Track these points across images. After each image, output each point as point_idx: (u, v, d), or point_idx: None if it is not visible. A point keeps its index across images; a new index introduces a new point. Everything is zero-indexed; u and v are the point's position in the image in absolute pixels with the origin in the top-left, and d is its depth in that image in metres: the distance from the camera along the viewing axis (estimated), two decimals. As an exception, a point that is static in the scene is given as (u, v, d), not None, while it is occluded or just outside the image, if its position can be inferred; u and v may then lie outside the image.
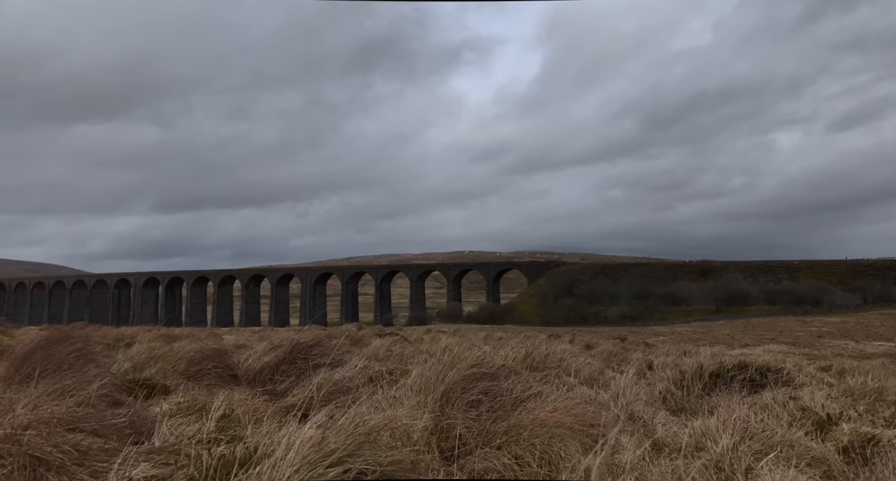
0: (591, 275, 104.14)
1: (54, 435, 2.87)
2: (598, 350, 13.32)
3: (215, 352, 6.07)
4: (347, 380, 4.92)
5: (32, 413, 3.05)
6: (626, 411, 4.28)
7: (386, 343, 10.06)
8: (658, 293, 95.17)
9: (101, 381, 4.13)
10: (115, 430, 3.26)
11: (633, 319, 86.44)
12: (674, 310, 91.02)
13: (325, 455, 2.46)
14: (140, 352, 6.55)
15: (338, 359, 6.22)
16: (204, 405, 3.99)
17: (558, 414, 3.31)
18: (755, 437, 3.54)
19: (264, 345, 6.98)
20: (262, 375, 5.71)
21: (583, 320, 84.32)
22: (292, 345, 6.14)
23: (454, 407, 3.41)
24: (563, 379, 5.68)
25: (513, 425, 3.20)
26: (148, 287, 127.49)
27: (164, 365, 5.72)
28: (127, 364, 5.93)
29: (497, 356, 6.42)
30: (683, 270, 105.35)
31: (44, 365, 4.87)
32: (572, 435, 3.14)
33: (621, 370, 8.15)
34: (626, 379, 5.52)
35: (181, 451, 2.94)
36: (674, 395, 6.08)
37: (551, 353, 7.17)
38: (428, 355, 7.69)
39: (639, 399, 5.03)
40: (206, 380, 5.34)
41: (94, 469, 2.76)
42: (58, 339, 5.75)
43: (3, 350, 6.96)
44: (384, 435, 2.90)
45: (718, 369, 6.61)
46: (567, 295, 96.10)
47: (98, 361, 5.53)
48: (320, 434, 2.64)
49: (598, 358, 10.72)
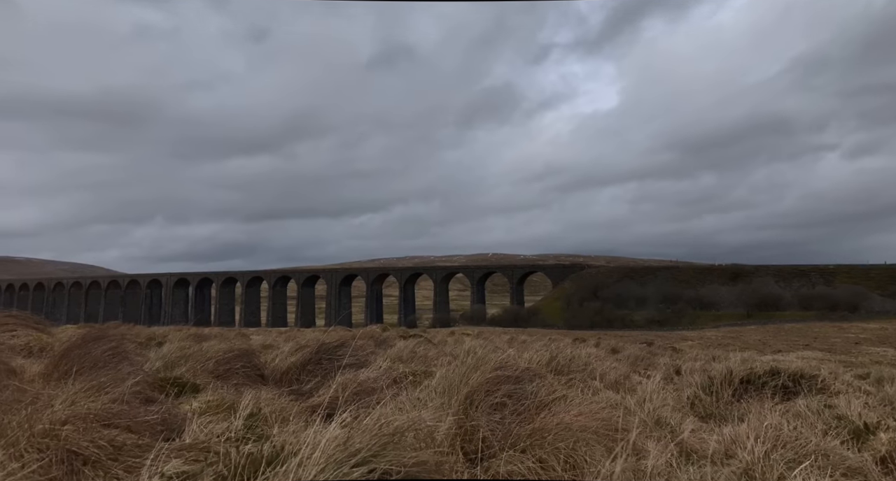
0: (618, 279, 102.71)
1: (90, 431, 2.96)
2: (624, 354, 13.13)
3: (243, 351, 6.18)
4: (372, 381, 4.96)
5: (70, 408, 3.16)
6: (652, 416, 4.21)
7: (410, 344, 10.10)
8: (686, 297, 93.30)
9: (135, 379, 4.25)
10: (148, 427, 3.35)
11: (661, 323, 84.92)
12: (702, 315, 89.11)
13: (350, 454, 2.49)
14: (171, 351, 6.71)
15: (362, 359, 6.28)
16: (232, 404, 4.07)
17: (583, 418, 3.28)
18: (788, 445, 3.44)
19: (291, 346, 7.08)
20: (289, 375, 5.79)
21: (608, 324, 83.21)
22: (318, 345, 6.22)
23: (478, 410, 3.40)
24: (588, 383, 5.62)
25: (537, 428, 3.18)
26: (178, 287, 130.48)
27: (194, 365, 5.84)
28: (158, 362, 6.08)
29: (521, 359, 6.38)
30: (713, 274, 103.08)
31: (81, 363, 5.04)
32: (597, 440, 3.11)
33: (648, 374, 8.03)
34: (653, 384, 5.43)
35: (210, 449, 3.01)
36: (702, 401, 5.96)
37: (576, 357, 7.10)
38: (451, 357, 7.69)
39: (666, 404, 4.94)
40: (235, 380, 5.44)
41: (128, 464, 2.84)
42: (94, 338, 5.94)
43: (42, 347, 7.21)
44: (408, 436, 2.91)
45: (749, 375, 6.44)
46: (592, 298, 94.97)
47: (131, 359, 5.69)
48: (345, 434, 2.66)
49: (624, 362, 10.57)
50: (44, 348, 7.19)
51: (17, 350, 6.92)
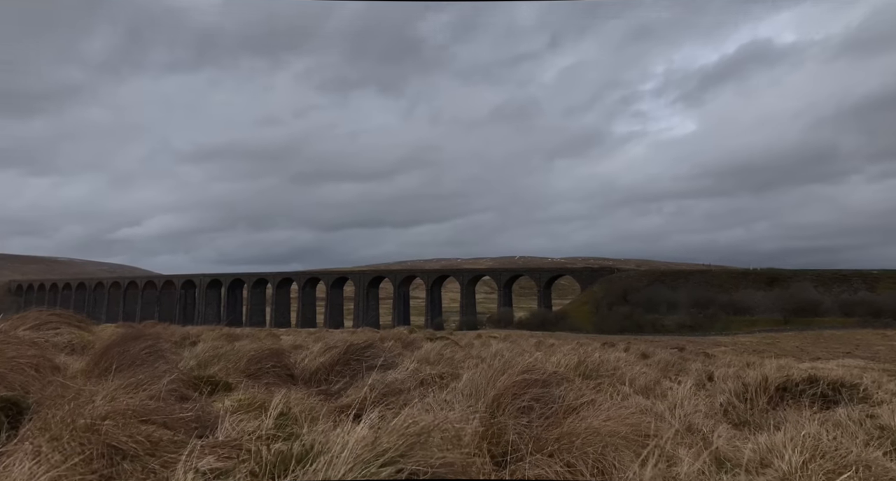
0: (648, 283, 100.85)
1: (129, 426, 3.06)
2: (655, 359, 12.88)
3: (273, 351, 6.29)
4: (399, 382, 5.00)
5: (110, 404, 3.27)
6: (684, 422, 4.12)
7: (437, 347, 10.12)
8: (719, 301, 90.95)
9: (170, 377, 4.37)
10: (183, 424, 3.44)
11: (693, 328, 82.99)
12: (736, 320, 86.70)
13: (378, 454, 2.51)
14: (204, 351, 6.87)
15: (390, 361, 6.32)
16: (263, 403, 4.14)
17: (612, 423, 3.24)
18: (827, 456, 3.33)
19: (319, 346, 7.18)
20: (318, 375, 5.87)
21: (638, 328, 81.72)
22: (346, 346, 6.29)
23: (505, 413, 3.40)
24: (618, 388, 5.54)
25: (565, 433, 3.16)
26: (211, 288, 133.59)
27: (227, 364, 5.97)
28: (193, 361, 6.24)
29: (548, 363, 6.33)
30: (747, 278, 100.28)
31: (119, 360, 5.21)
32: (627, 445, 3.06)
33: (679, 380, 7.86)
34: (685, 390, 5.32)
35: (242, 446, 3.08)
36: (736, 408, 5.81)
37: (605, 361, 7.01)
38: (478, 360, 7.68)
39: (698, 410, 4.83)
40: (265, 379, 5.54)
41: (164, 459, 2.93)
42: (132, 336, 6.13)
43: (84, 345, 7.48)
44: (435, 437, 2.93)
45: (786, 382, 6.25)
46: (622, 302, 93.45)
47: (167, 358, 5.86)
48: (373, 434, 2.69)
49: (655, 367, 10.37)
50: (85, 346, 7.45)
51: (61, 347, 7.19)
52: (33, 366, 4.23)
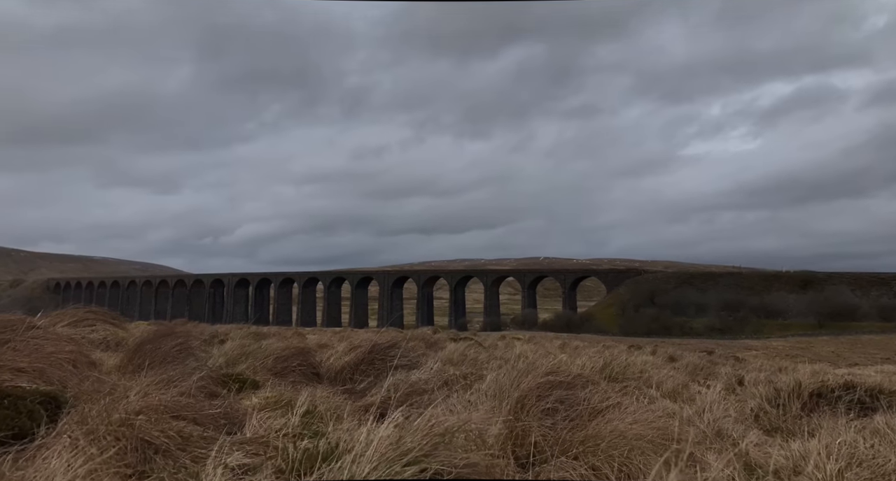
0: (676, 284, 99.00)
1: (161, 422, 3.14)
2: (683, 362, 12.64)
3: (299, 350, 6.38)
4: (423, 382, 5.01)
5: (143, 400, 3.36)
6: (712, 427, 4.04)
7: (460, 347, 10.12)
8: (750, 304, 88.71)
9: (200, 374, 4.47)
10: (212, 420, 3.52)
11: (722, 332, 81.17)
12: (768, 324, 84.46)
13: (402, 454, 2.53)
14: (232, 349, 7.01)
15: (413, 361, 6.35)
16: (289, 401, 4.20)
17: (638, 426, 3.19)
18: (864, 464, 3.22)
19: (344, 346, 7.25)
20: (343, 374, 5.93)
21: (666, 331, 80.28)
22: (371, 346, 6.34)
23: (529, 414, 3.38)
24: (644, 392, 5.45)
25: (590, 435, 3.13)
26: (239, 287, 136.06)
27: (254, 362, 6.08)
28: (221, 359, 6.36)
29: (573, 365, 6.28)
30: (780, 281, 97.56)
31: (152, 357, 5.35)
32: (653, 449, 3.02)
33: (708, 384, 7.70)
34: (714, 394, 5.21)
35: (269, 443, 3.13)
36: (767, 414, 5.66)
37: (631, 364, 6.91)
38: (502, 361, 7.65)
39: (727, 415, 4.72)
40: (291, 377, 5.62)
41: (194, 454, 3.00)
42: (163, 334, 6.30)
43: (118, 342, 7.71)
44: (459, 437, 2.93)
45: (820, 388, 6.07)
46: (649, 304, 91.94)
47: (196, 355, 6.00)
48: (397, 433, 2.71)
49: (683, 371, 10.18)
50: (119, 342, 7.68)
51: (97, 343, 7.42)
52: (71, 362, 4.38)
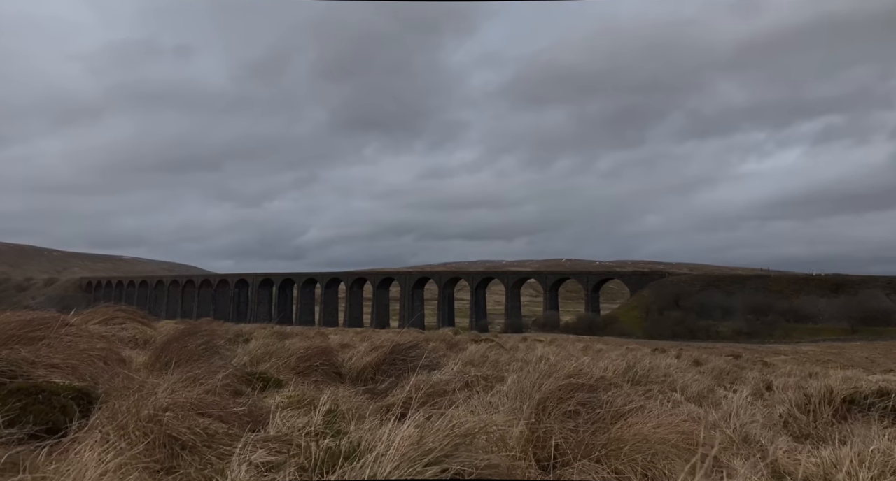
0: (701, 287, 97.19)
1: (188, 418, 3.21)
2: (708, 366, 12.41)
3: (322, 350, 6.44)
4: (444, 383, 5.02)
5: (170, 397, 3.43)
6: (739, 433, 3.96)
7: (481, 349, 10.10)
8: (779, 308, 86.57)
9: (225, 372, 4.55)
10: (237, 418, 3.58)
11: (749, 336, 79.39)
12: (798, 328, 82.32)
13: (423, 453, 2.54)
14: (256, 348, 7.11)
15: (434, 362, 6.36)
16: (312, 400, 4.25)
17: (662, 430, 3.14)
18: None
19: (366, 346, 7.30)
20: (364, 374, 5.97)
21: (691, 335, 78.90)
22: (392, 346, 6.37)
23: (550, 417, 3.36)
24: (668, 395, 5.37)
25: (612, 438, 3.09)
26: (263, 287, 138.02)
27: (277, 361, 6.16)
28: (245, 358, 6.46)
29: (596, 367, 6.21)
30: (810, 284, 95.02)
31: (178, 355, 5.46)
32: (678, 454, 2.97)
33: (734, 389, 7.55)
34: (740, 399, 5.10)
35: (293, 441, 3.17)
36: (797, 420, 5.52)
37: (655, 367, 6.82)
38: (524, 363, 7.61)
39: (755, 421, 4.62)
40: (314, 376, 5.68)
41: (220, 451, 3.05)
42: (189, 333, 6.42)
43: (146, 340, 7.88)
44: (480, 438, 2.93)
45: (853, 394, 5.89)
46: (673, 307, 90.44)
47: (222, 354, 6.10)
48: (418, 433, 2.72)
49: (708, 375, 10.00)
50: (147, 340, 7.85)
51: (126, 341, 7.60)
52: (102, 359, 4.50)
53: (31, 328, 4.38)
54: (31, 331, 4.33)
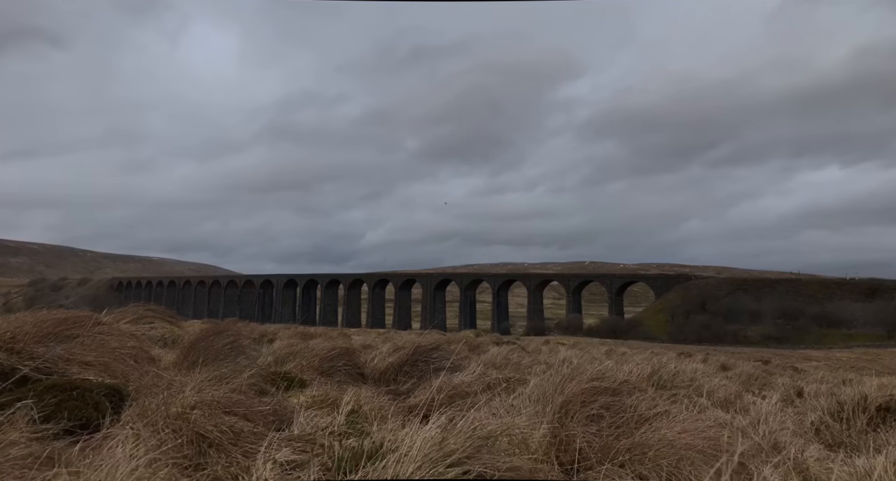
0: (728, 291, 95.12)
1: (214, 416, 3.27)
2: (736, 371, 12.15)
3: (345, 350, 6.49)
4: (466, 385, 5.02)
5: (197, 395, 3.51)
6: (768, 440, 3.86)
7: (503, 351, 10.07)
8: (810, 313, 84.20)
9: (250, 372, 4.63)
10: (262, 416, 3.63)
11: (779, 341, 77.38)
12: (830, 334, 79.94)
13: (445, 455, 2.54)
14: (281, 348, 7.21)
15: (456, 363, 6.36)
16: (335, 400, 4.29)
17: (688, 435, 3.09)
18: (936, 485, 3.01)
19: (388, 347, 7.34)
20: (387, 375, 6.00)
21: (718, 339, 77.23)
22: (414, 347, 6.39)
23: (573, 420, 3.33)
24: (694, 400, 5.27)
25: (637, 443, 3.05)
26: (287, 288, 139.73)
27: (301, 361, 6.23)
28: (270, 357, 6.56)
29: (620, 371, 6.13)
30: (843, 289, 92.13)
31: (205, 354, 5.57)
32: (704, 460, 2.91)
33: (763, 395, 7.37)
34: (770, 405, 4.99)
35: (316, 441, 3.21)
36: (829, 428, 5.37)
37: (680, 372, 6.70)
38: (546, 366, 7.57)
39: (785, 428, 4.50)
40: (337, 377, 5.74)
41: (245, 449, 3.11)
42: (215, 332, 6.54)
43: (174, 339, 8.06)
44: (502, 441, 2.92)
45: (889, 401, 5.71)
46: (700, 311, 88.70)
47: (247, 354, 6.20)
48: (440, 434, 2.73)
49: (736, 380, 9.79)
50: (175, 340, 8.02)
51: (155, 340, 7.78)
52: (132, 357, 4.62)
53: (66, 326, 4.52)
54: (65, 330, 4.47)
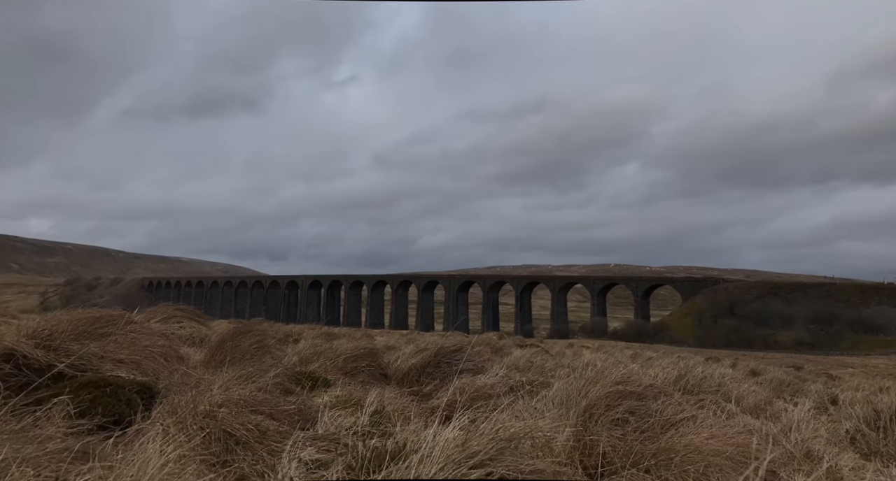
0: (758, 295, 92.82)
1: (241, 415, 3.33)
2: (766, 377, 11.85)
3: (368, 351, 6.54)
4: (488, 387, 5.00)
5: (224, 394, 3.58)
6: (801, 448, 3.76)
7: (526, 354, 10.01)
8: (845, 318, 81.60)
9: (276, 371, 4.70)
10: (287, 415, 3.68)
11: (812, 346, 75.21)
12: (866, 340, 77.37)
13: (468, 456, 2.54)
14: (305, 348, 7.29)
15: (479, 365, 6.35)
16: (359, 400, 4.33)
17: (715, 441, 3.02)
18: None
19: (411, 348, 7.37)
20: (409, 376, 6.02)
21: (747, 344, 75.49)
22: (437, 349, 6.40)
23: (597, 424, 3.29)
24: (722, 406, 5.16)
25: (662, 448, 3.00)
26: (312, 289, 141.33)
27: (325, 361, 6.29)
28: (295, 357, 6.64)
29: (645, 375, 6.04)
30: (880, 294, 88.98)
31: (232, 354, 5.67)
32: (733, 467, 2.85)
33: (795, 402, 7.17)
34: (802, 412, 4.85)
35: (340, 440, 3.24)
36: (865, 437, 5.20)
37: (708, 377, 6.56)
38: (570, 369, 7.50)
39: (818, 436, 4.38)
40: (360, 377, 5.78)
41: (271, 447, 3.16)
42: (242, 332, 6.65)
43: (202, 338, 8.23)
44: (525, 443, 2.90)
45: (927, 411, 5.50)
46: (728, 315, 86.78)
47: (272, 353, 6.29)
48: (463, 436, 2.73)
49: (766, 386, 9.55)
50: (203, 339, 8.18)
51: (184, 339, 7.96)
52: (162, 355, 4.73)
53: (100, 325, 4.65)
54: (99, 328, 4.60)
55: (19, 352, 3.75)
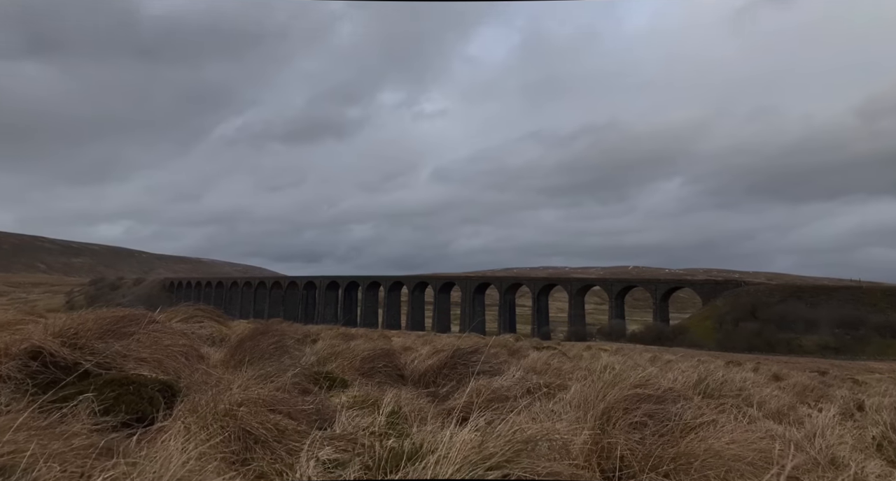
0: (781, 298, 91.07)
1: (260, 414, 3.37)
2: (789, 382, 11.62)
3: (385, 352, 6.56)
4: (505, 389, 4.99)
5: (244, 393, 3.62)
6: (825, 454, 3.68)
7: (543, 356, 9.95)
8: (872, 322, 79.64)
9: (294, 371, 4.75)
10: (305, 415, 3.72)
11: (837, 351, 73.58)
12: (894, 344, 75.47)
13: (485, 458, 2.54)
14: (323, 348, 7.36)
15: (496, 367, 6.33)
16: (375, 400, 4.35)
17: (736, 446, 2.97)
18: None
19: (428, 349, 7.38)
20: (426, 377, 6.03)
21: (769, 348, 74.10)
22: (453, 350, 6.40)
23: (615, 427, 3.26)
24: (743, 410, 5.07)
25: (682, 452, 2.96)
26: (330, 290, 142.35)
27: (342, 362, 6.34)
28: (313, 357, 6.69)
29: (664, 378, 5.97)
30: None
31: (251, 353, 5.74)
32: (754, 473, 2.80)
33: (819, 407, 7.02)
34: (827, 418, 4.74)
35: (357, 440, 3.26)
36: (893, 443, 5.06)
37: (729, 380, 6.46)
38: (587, 372, 7.43)
39: (843, 442, 4.28)
40: (377, 378, 5.80)
41: (289, 447, 3.19)
42: (261, 332, 6.72)
43: (222, 338, 8.34)
44: (542, 445, 2.89)
45: (958, 418, 5.34)
46: (750, 318, 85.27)
47: (291, 353, 6.35)
48: (480, 437, 2.73)
49: (789, 391, 9.36)
50: (223, 339, 8.29)
51: (204, 339, 8.07)
52: (184, 355, 4.80)
53: (123, 324, 4.75)
54: (122, 327, 4.70)
55: (46, 350, 3.85)
